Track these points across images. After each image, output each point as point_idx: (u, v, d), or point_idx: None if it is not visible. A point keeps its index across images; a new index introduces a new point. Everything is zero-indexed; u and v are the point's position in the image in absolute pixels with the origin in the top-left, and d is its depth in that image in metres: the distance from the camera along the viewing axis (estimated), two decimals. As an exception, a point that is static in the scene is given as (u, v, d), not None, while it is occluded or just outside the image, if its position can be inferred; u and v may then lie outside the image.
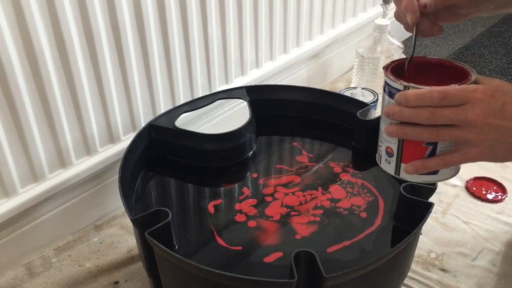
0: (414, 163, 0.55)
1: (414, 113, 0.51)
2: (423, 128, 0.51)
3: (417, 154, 0.54)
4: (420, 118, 0.51)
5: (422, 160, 0.54)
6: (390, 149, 0.57)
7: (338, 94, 0.90)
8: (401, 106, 0.52)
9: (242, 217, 0.69)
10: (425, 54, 1.50)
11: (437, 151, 0.53)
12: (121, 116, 0.84)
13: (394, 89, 0.53)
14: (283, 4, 1.05)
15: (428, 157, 0.54)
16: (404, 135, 0.53)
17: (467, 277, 0.78)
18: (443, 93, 0.49)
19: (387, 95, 0.55)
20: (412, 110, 0.51)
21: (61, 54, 0.72)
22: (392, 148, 0.56)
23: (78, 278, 0.78)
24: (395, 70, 0.56)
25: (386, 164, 0.58)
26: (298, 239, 0.65)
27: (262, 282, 0.54)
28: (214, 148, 0.79)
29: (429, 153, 0.53)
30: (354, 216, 0.68)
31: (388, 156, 0.57)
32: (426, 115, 0.50)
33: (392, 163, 0.57)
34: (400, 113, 0.52)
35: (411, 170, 0.55)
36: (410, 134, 0.53)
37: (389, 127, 0.54)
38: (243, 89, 0.87)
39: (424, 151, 0.53)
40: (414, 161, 0.55)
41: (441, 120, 0.50)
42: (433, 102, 0.50)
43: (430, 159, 0.54)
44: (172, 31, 0.85)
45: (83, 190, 0.85)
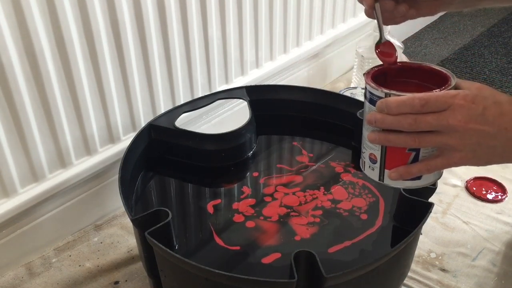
0: (398, 169, 0.55)
1: (396, 121, 0.51)
2: (406, 134, 0.52)
3: (401, 160, 0.54)
4: (402, 125, 0.51)
5: (405, 166, 0.54)
6: (374, 156, 0.56)
7: (338, 94, 0.90)
8: (383, 114, 0.52)
9: (241, 218, 0.69)
10: (425, 53, 1.50)
11: (420, 156, 0.53)
12: (121, 116, 0.84)
13: (375, 96, 0.53)
14: (283, 4, 1.05)
15: (411, 162, 0.54)
16: (387, 142, 0.53)
17: (467, 277, 0.78)
18: (424, 100, 0.50)
19: (368, 102, 0.55)
20: (394, 117, 0.51)
21: (61, 54, 0.72)
22: (375, 155, 0.56)
23: (78, 278, 0.78)
24: (375, 76, 0.56)
25: (370, 171, 0.58)
26: (297, 240, 0.65)
27: (262, 282, 0.54)
28: (214, 148, 0.79)
29: (412, 159, 0.54)
30: (354, 218, 0.68)
31: (372, 163, 0.57)
32: (409, 122, 0.50)
33: (376, 169, 0.57)
34: (382, 121, 0.52)
35: (395, 176, 0.55)
36: (393, 141, 0.53)
37: (372, 134, 0.54)
38: (243, 89, 0.87)
39: (408, 157, 0.53)
40: (398, 168, 0.55)
41: (423, 126, 0.50)
42: (415, 109, 0.50)
43: (413, 165, 0.54)
44: (172, 31, 0.85)
45: (83, 190, 0.85)
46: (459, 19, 1.72)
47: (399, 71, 0.58)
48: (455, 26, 1.67)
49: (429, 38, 1.60)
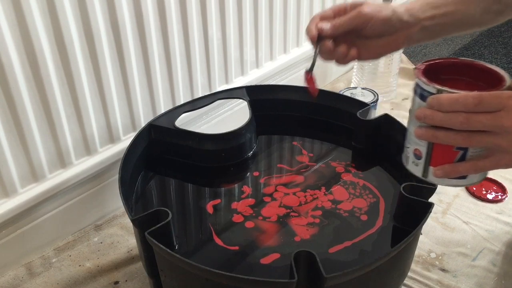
0: (444, 167, 0.54)
1: (447, 118, 0.50)
2: (456, 133, 0.50)
3: (447, 158, 0.53)
4: (453, 123, 0.50)
5: (452, 165, 0.53)
6: (419, 152, 0.56)
7: (338, 94, 0.90)
8: (433, 110, 0.51)
9: (241, 218, 0.69)
10: (425, 53, 1.50)
11: (468, 155, 0.52)
12: (121, 116, 0.84)
13: (427, 92, 0.52)
14: (283, 4, 1.05)
15: (458, 161, 0.53)
16: (435, 139, 0.52)
17: (467, 277, 0.78)
18: (478, 99, 0.48)
19: (418, 97, 0.54)
20: (445, 114, 0.50)
21: (61, 54, 0.72)
22: (420, 151, 0.55)
23: (78, 278, 0.78)
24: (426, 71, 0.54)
25: (413, 166, 0.58)
26: (297, 241, 0.65)
27: (262, 282, 0.54)
28: (214, 148, 0.79)
29: (459, 158, 0.53)
30: (354, 218, 0.68)
31: (416, 159, 0.56)
32: (460, 121, 0.49)
33: (420, 165, 0.56)
34: (432, 117, 0.51)
35: (440, 174, 0.54)
36: (442, 138, 0.52)
37: (420, 130, 0.53)
38: (243, 89, 0.87)
39: (455, 155, 0.52)
40: (444, 165, 0.54)
41: (475, 126, 0.49)
42: (468, 107, 0.49)
43: (461, 164, 0.53)
44: (172, 31, 0.85)
45: (83, 190, 0.85)
46: (459, 19, 1.72)
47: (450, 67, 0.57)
48: (455, 26, 1.67)
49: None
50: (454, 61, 0.57)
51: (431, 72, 0.54)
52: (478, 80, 0.55)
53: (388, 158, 0.78)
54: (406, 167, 0.59)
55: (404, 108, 1.20)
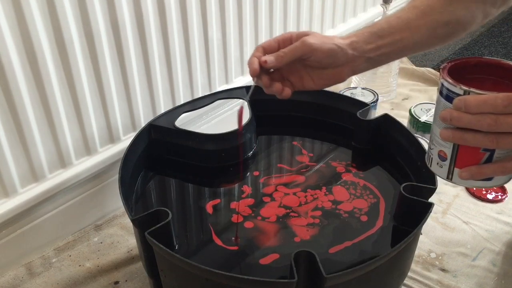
0: (470, 169, 0.53)
1: (475, 120, 0.49)
2: (483, 135, 0.49)
3: (473, 159, 0.52)
4: (481, 125, 0.49)
5: (478, 166, 0.53)
6: (443, 153, 0.55)
7: (338, 94, 0.90)
8: (460, 112, 0.50)
9: (240, 218, 0.69)
10: (425, 54, 1.50)
11: (494, 157, 0.52)
12: (121, 116, 0.84)
13: (453, 93, 0.51)
14: (283, 4, 1.05)
15: (484, 163, 0.52)
16: (462, 141, 0.51)
17: (467, 277, 0.78)
18: (507, 100, 0.47)
19: (444, 98, 0.52)
20: (473, 116, 0.49)
21: (61, 54, 0.72)
22: (445, 152, 0.55)
23: (78, 278, 0.78)
24: (451, 71, 0.53)
25: (438, 168, 0.57)
26: (297, 242, 0.65)
27: (262, 282, 0.54)
28: (214, 148, 0.79)
29: (486, 159, 0.52)
30: (354, 219, 0.68)
31: (441, 160, 0.56)
32: (488, 123, 0.48)
33: (444, 167, 0.56)
34: (459, 119, 0.50)
35: (466, 175, 0.53)
36: (469, 140, 0.50)
37: (445, 131, 0.52)
38: (243, 89, 0.87)
39: (481, 157, 0.52)
40: (470, 167, 0.53)
41: (505, 128, 0.48)
42: (497, 109, 0.48)
43: (487, 166, 0.52)
44: (172, 31, 0.85)
45: (83, 190, 0.85)
46: (459, 19, 1.72)
47: (475, 67, 0.56)
48: (455, 26, 1.67)
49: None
50: (479, 60, 0.56)
51: (456, 72, 0.53)
52: (504, 79, 0.53)
53: (388, 158, 0.78)
54: (430, 168, 0.58)
55: (404, 108, 1.20)
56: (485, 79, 0.54)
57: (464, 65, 0.55)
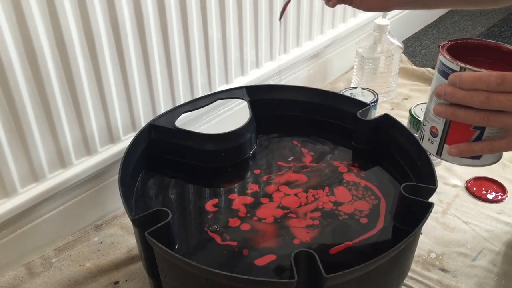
0: (459, 146, 0.54)
1: (468, 96, 0.50)
2: (475, 111, 0.50)
3: (463, 137, 0.53)
4: (474, 101, 0.50)
5: (467, 144, 0.53)
6: (435, 129, 0.57)
7: (338, 94, 0.90)
8: (454, 87, 0.51)
9: (240, 218, 0.69)
10: (425, 53, 1.50)
11: (484, 135, 0.53)
12: (121, 116, 0.84)
13: (449, 69, 0.52)
14: (283, 4, 1.05)
15: (474, 141, 0.53)
16: (453, 116, 0.52)
17: (467, 277, 0.78)
18: (501, 78, 0.48)
19: (440, 74, 0.54)
20: (466, 92, 0.50)
21: (61, 54, 0.72)
22: (437, 128, 0.56)
23: (78, 278, 0.78)
24: (451, 49, 0.55)
25: (429, 144, 0.59)
26: (297, 243, 0.65)
27: (262, 282, 0.54)
28: (214, 148, 0.79)
29: (476, 137, 0.53)
30: (354, 221, 0.68)
31: (432, 136, 0.57)
32: (481, 99, 0.49)
33: (435, 143, 0.57)
34: (452, 94, 0.51)
35: (455, 152, 0.55)
36: (460, 116, 0.52)
37: (439, 107, 0.53)
38: (243, 89, 0.87)
39: (471, 134, 0.53)
40: (459, 144, 0.54)
41: (496, 105, 0.49)
42: (489, 86, 0.48)
43: (476, 143, 0.53)
44: (172, 31, 0.85)
45: (83, 190, 0.85)
46: (459, 19, 1.72)
47: (475, 48, 0.57)
48: (455, 26, 1.67)
49: (429, 38, 1.60)
50: (479, 42, 0.57)
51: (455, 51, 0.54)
52: (502, 62, 0.54)
53: (388, 158, 0.78)
54: (421, 145, 0.59)
55: (404, 108, 1.19)
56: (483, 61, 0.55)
57: (464, 45, 0.57)
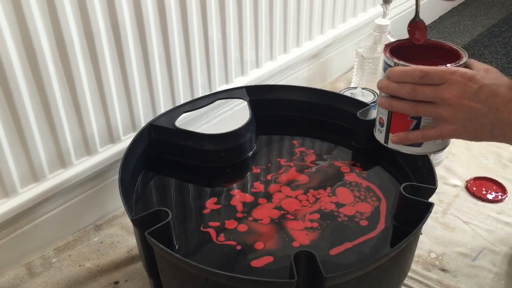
0: (399, 134, 0.61)
1: (398, 88, 0.57)
2: (406, 102, 0.57)
3: (403, 126, 0.60)
4: (402, 92, 0.56)
5: (405, 132, 0.60)
6: (382, 120, 0.62)
7: (338, 94, 0.90)
8: (388, 80, 0.58)
9: (240, 218, 0.69)
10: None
11: (421, 125, 0.59)
12: (121, 116, 0.84)
13: (387, 65, 0.59)
14: (283, 4, 1.05)
15: (412, 130, 0.59)
16: (390, 106, 0.59)
17: (467, 277, 0.78)
18: (424, 72, 0.55)
19: (383, 70, 0.60)
20: (396, 85, 0.57)
21: (61, 54, 0.72)
22: (383, 119, 0.62)
23: (78, 278, 0.78)
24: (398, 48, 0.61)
25: (378, 133, 0.65)
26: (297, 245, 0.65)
27: (262, 282, 0.54)
28: (214, 148, 0.79)
29: (413, 127, 0.59)
30: (354, 223, 0.68)
31: (380, 126, 0.63)
32: (407, 90, 0.56)
33: (382, 132, 0.63)
34: (387, 87, 0.58)
35: (395, 140, 0.61)
36: (395, 106, 0.58)
37: (380, 99, 0.60)
38: (243, 89, 0.87)
39: (409, 124, 0.59)
40: (399, 133, 0.60)
41: (420, 96, 0.56)
42: (414, 79, 0.55)
43: (412, 132, 0.59)
44: (172, 31, 0.85)
45: (83, 190, 0.85)
46: (459, 19, 1.72)
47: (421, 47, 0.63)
48: (455, 26, 1.67)
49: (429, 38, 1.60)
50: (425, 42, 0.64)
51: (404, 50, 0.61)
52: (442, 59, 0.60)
53: (388, 158, 0.78)
54: (374, 135, 0.66)
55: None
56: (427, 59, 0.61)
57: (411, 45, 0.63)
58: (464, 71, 0.55)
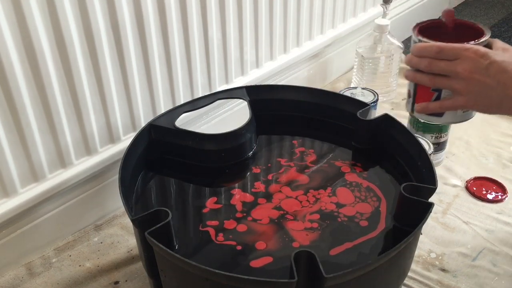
0: (421, 104, 0.68)
1: (418, 61, 0.64)
2: (425, 75, 0.64)
3: (426, 97, 0.67)
4: (420, 65, 0.63)
5: (427, 103, 0.67)
6: (409, 92, 0.70)
7: (338, 94, 0.90)
8: (412, 55, 0.65)
9: (239, 218, 0.69)
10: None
11: (441, 97, 0.65)
12: (121, 116, 0.84)
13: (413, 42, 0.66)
14: (283, 4, 1.05)
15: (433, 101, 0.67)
16: (413, 78, 0.66)
17: (467, 277, 0.78)
18: (440, 48, 0.61)
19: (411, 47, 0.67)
20: (418, 59, 0.64)
21: (61, 54, 0.72)
22: (410, 91, 0.70)
23: (78, 278, 0.78)
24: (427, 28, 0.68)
25: (407, 104, 0.73)
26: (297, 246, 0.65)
27: (262, 282, 0.54)
28: (214, 148, 0.79)
29: (435, 98, 0.66)
30: (353, 224, 0.68)
31: (408, 97, 0.71)
32: (425, 64, 0.63)
33: (409, 103, 0.71)
34: (410, 61, 0.65)
35: (418, 109, 0.68)
36: (417, 78, 0.65)
37: (406, 72, 0.68)
38: (243, 89, 0.87)
39: (431, 95, 0.66)
40: (422, 103, 0.68)
41: (435, 69, 0.62)
42: (431, 54, 0.62)
43: (432, 103, 0.66)
44: (172, 31, 0.85)
45: (83, 190, 0.85)
46: (459, 19, 1.72)
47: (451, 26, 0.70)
48: (455, 26, 1.67)
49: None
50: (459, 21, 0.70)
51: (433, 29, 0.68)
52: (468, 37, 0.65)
53: (388, 158, 0.78)
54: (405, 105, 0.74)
55: (404, 108, 1.19)
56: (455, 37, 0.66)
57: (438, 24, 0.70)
58: (477, 48, 0.60)
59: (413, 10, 1.56)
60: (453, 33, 0.68)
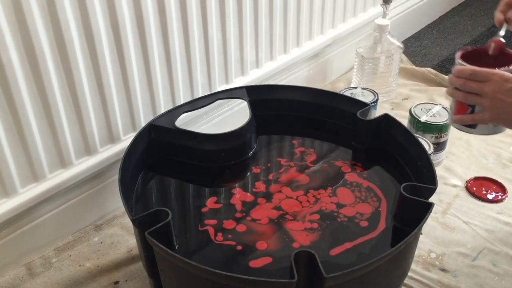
0: (457, 116, 0.78)
1: (456, 81, 0.75)
2: (461, 92, 0.75)
3: (462, 110, 0.77)
4: (457, 84, 0.75)
5: (462, 115, 0.78)
6: (451, 105, 0.80)
7: (338, 94, 0.90)
8: (453, 75, 0.76)
9: (239, 218, 0.69)
10: (425, 53, 1.50)
11: (475, 112, 0.76)
12: (121, 116, 0.84)
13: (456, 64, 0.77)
14: (283, 4, 1.05)
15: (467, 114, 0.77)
16: (451, 94, 0.77)
17: (467, 277, 0.78)
18: (473, 71, 0.73)
19: None
20: (456, 79, 0.75)
21: (61, 54, 0.72)
22: (451, 105, 0.80)
23: (78, 278, 0.78)
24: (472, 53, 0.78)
25: (449, 116, 0.86)
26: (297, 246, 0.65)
27: (262, 282, 0.54)
28: (214, 148, 0.79)
29: (469, 112, 0.76)
30: (353, 224, 0.68)
31: (450, 110, 0.81)
32: (460, 83, 0.74)
33: (450, 114, 0.82)
34: (451, 80, 0.76)
35: (455, 119, 0.79)
36: (454, 94, 0.76)
37: (448, 89, 0.78)
38: (243, 89, 0.87)
39: (466, 109, 0.76)
40: (458, 115, 0.78)
41: (468, 88, 0.74)
42: (466, 76, 0.73)
43: (466, 115, 0.77)
44: (172, 31, 0.85)
45: (83, 190, 0.85)
46: (459, 19, 1.72)
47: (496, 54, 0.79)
48: (455, 26, 1.67)
49: (429, 38, 1.60)
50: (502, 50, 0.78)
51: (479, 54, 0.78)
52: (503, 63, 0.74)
53: (389, 158, 0.78)
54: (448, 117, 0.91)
55: (404, 108, 1.19)
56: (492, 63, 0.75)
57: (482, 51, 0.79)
58: (503, 73, 0.71)
59: (413, 10, 1.56)
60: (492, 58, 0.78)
